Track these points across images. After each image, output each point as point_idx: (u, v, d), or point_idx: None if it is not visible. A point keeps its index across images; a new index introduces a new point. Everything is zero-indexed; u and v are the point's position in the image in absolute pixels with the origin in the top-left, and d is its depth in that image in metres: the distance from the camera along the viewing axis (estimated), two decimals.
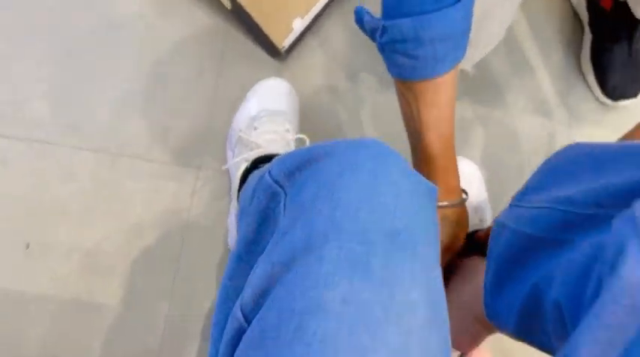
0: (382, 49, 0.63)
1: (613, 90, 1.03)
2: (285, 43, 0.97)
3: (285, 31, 0.98)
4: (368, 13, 0.63)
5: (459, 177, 0.72)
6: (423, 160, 0.69)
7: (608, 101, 1.04)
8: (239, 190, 0.81)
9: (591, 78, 1.05)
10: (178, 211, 0.89)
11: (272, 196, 0.47)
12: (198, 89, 0.96)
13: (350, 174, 0.42)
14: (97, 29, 0.97)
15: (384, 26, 0.60)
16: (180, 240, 0.88)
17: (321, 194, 0.42)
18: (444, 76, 0.63)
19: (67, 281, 0.85)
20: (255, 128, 0.85)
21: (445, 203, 0.69)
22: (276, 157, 0.49)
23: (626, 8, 0.98)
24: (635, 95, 1.03)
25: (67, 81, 0.94)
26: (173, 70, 0.96)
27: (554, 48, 1.08)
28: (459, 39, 0.61)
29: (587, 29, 1.07)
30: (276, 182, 0.47)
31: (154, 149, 0.91)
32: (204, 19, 1.00)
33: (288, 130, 0.86)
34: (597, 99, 1.05)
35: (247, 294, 0.41)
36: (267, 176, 0.48)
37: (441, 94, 0.65)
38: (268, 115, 0.86)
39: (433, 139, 0.67)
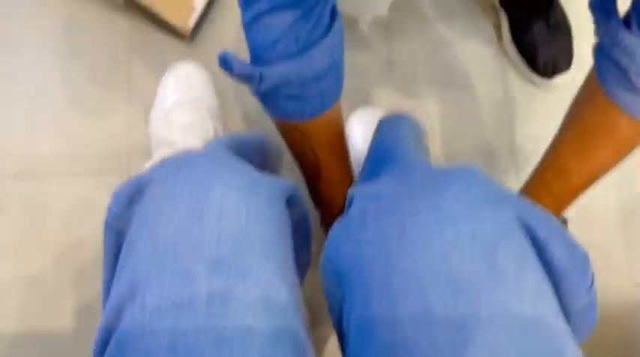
0: (262, 95, 0.57)
1: (545, 68, 0.96)
2: (189, 24, 0.93)
3: (187, 11, 0.94)
4: (237, 60, 0.55)
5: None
6: (324, 191, 0.67)
7: (544, 81, 0.97)
8: None
9: (519, 62, 0.98)
10: None
11: (118, 233, 0.45)
12: (111, 90, 0.92)
13: (169, 204, 0.40)
14: None
15: (261, 74, 0.53)
16: None
17: (143, 232, 0.40)
18: (332, 105, 0.59)
19: (17, 314, 0.84)
20: (171, 122, 0.82)
21: None
22: (112, 192, 0.46)
23: None
24: (568, 66, 0.96)
25: None
26: (81, 77, 0.93)
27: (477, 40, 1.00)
28: (339, 67, 0.58)
29: (501, 12, 1.00)
30: (117, 218, 0.45)
31: (77, 162, 0.89)
32: (105, 18, 0.95)
33: (204, 116, 0.83)
34: (533, 82, 0.99)
35: (93, 349, 0.40)
36: (108, 215, 0.46)
37: (332, 124, 0.62)
38: (182, 104, 0.83)
39: (333, 170, 0.65)
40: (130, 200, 0.44)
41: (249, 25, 0.53)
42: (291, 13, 0.50)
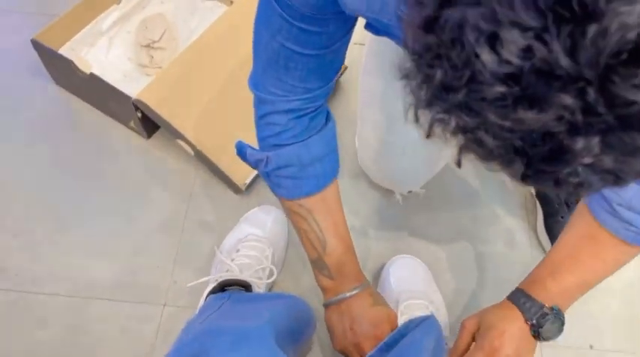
0: (267, 175, 0.72)
1: None
2: (247, 180, 1.05)
3: (246, 170, 1.05)
4: (249, 146, 0.72)
5: (358, 266, 0.78)
6: (329, 265, 0.74)
7: None
8: None
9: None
10: (143, 350, 0.91)
11: None
12: (165, 229, 1.01)
13: None
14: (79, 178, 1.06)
15: (268, 156, 0.69)
16: None
17: None
18: (329, 186, 0.72)
19: None
20: (238, 250, 0.90)
21: (355, 291, 0.75)
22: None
23: None
24: None
25: (42, 233, 1.00)
26: (143, 214, 1.02)
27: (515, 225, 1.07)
28: (333, 154, 0.72)
29: (537, 202, 1.06)
30: None
31: (121, 289, 0.94)
32: (175, 164, 1.08)
33: (267, 257, 0.91)
34: None
35: None
36: None
37: (330, 200, 0.74)
38: (253, 240, 0.92)
39: (336, 243, 0.74)
40: None
41: (259, 120, 0.69)
42: (286, 115, 0.67)
